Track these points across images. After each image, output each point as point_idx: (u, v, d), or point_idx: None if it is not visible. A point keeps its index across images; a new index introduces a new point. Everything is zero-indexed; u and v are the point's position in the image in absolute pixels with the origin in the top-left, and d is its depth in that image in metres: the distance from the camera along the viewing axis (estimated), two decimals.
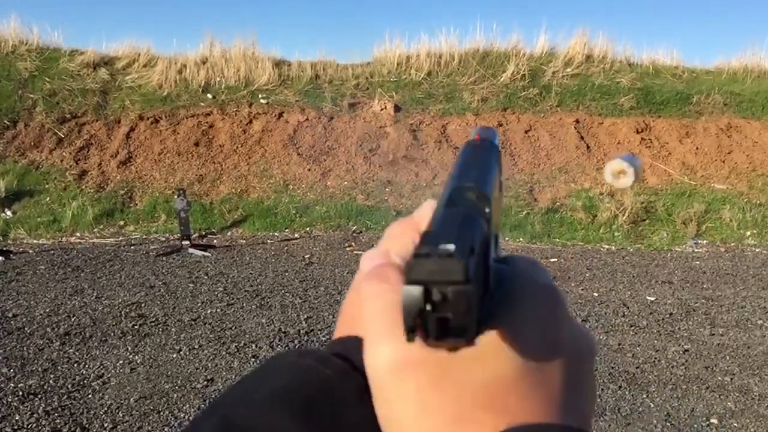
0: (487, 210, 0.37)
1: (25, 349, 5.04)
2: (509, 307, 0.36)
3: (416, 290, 0.31)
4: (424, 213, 0.44)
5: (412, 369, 0.34)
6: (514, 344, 0.35)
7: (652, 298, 7.01)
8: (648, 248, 9.96)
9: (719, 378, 4.86)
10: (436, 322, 0.32)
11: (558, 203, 11.19)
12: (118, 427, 3.79)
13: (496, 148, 0.47)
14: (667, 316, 6.39)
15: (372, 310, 0.37)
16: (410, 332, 0.32)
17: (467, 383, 0.34)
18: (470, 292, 0.31)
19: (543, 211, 10.90)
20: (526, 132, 12.99)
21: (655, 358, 5.25)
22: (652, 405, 4.36)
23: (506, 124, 13.16)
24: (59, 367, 4.69)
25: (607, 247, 9.96)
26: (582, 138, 12.93)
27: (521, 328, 0.36)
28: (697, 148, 12.77)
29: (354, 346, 0.41)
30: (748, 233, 10.55)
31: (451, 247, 0.32)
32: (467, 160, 0.45)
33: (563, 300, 0.39)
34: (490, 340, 0.35)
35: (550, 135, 12.95)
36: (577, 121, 13.29)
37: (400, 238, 0.43)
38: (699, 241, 10.25)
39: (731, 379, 4.85)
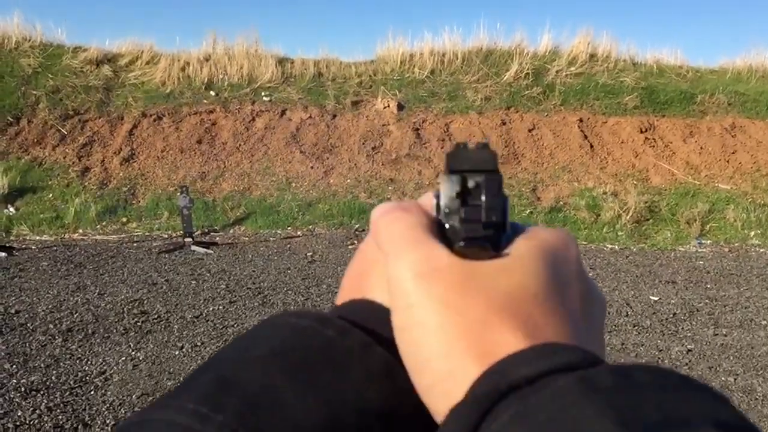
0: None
1: (27, 345, 5.04)
2: (529, 236, 0.39)
3: (454, 177, 0.38)
4: (425, 198, 0.45)
5: (439, 274, 0.35)
6: (537, 262, 0.37)
7: (656, 298, 6.99)
8: (651, 248, 9.94)
9: (723, 378, 4.85)
10: (465, 232, 0.37)
11: (561, 202, 11.17)
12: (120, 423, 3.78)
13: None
14: (671, 316, 6.37)
15: (392, 231, 0.39)
16: (450, 214, 0.38)
17: (493, 290, 0.35)
18: (500, 179, 0.37)
19: (546, 210, 10.89)
20: (529, 131, 12.97)
21: (659, 358, 5.23)
22: None
23: (510, 122, 13.15)
24: (62, 364, 4.68)
25: (610, 246, 9.94)
26: (586, 137, 12.91)
27: (542, 249, 0.38)
28: (701, 148, 12.74)
29: (356, 307, 0.42)
30: (752, 233, 10.52)
31: (484, 141, 0.39)
32: None
33: (577, 244, 0.41)
34: (514, 255, 0.37)
35: (554, 134, 12.93)
36: (581, 120, 13.27)
37: (408, 202, 0.44)
38: (703, 241, 10.23)
39: (735, 379, 4.83)
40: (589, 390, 0.28)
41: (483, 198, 0.37)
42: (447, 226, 0.38)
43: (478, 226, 0.37)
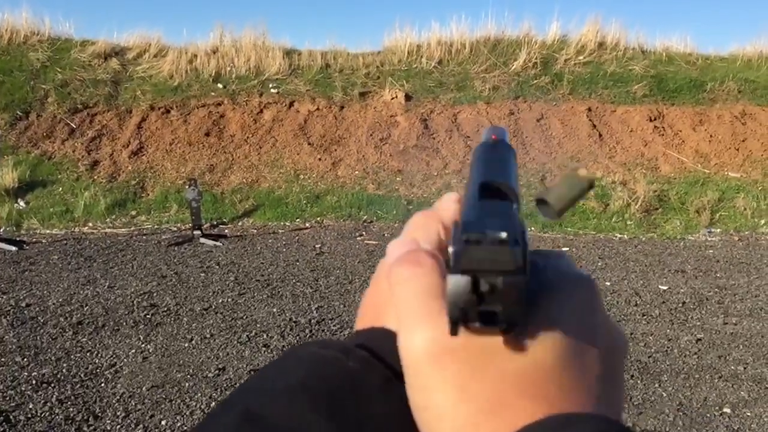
0: (519, 206, 0.37)
1: (38, 338, 5.08)
2: (546, 297, 0.36)
3: (463, 280, 0.31)
4: (446, 204, 0.45)
5: (451, 355, 0.34)
6: (553, 334, 0.35)
7: (665, 287, 6.97)
8: (661, 237, 9.90)
9: (732, 367, 4.83)
10: (480, 314, 0.31)
11: None
12: (131, 415, 3.81)
13: (513, 150, 0.47)
14: (680, 305, 6.35)
15: (406, 294, 0.37)
16: (455, 324, 0.32)
17: (507, 370, 0.34)
18: (522, 283, 0.31)
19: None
20: (537, 120, 12.91)
21: (668, 347, 5.22)
22: (665, 394, 4.34)
23: (518, 112, 13.10)
24: (72, 356, 4.72)
25: (619, 236, 9.90)
26: (594, 126, 12.84)
27: (559, 317, 0.36)
28: (711, 136, 12.65)
29: (377, 336, 0.41)
30: (762, 222, 10.46)
31: (503, 234, 0.31)
32: (490, 158, 0.45)
33: (598, 291, 0.39)
34: (529, 330, 0.35)
35: (562, 123, 12.87)
36: (590, 109, 13.20)
37: (425, 228, 0.43)
38: (712, 230, 10.18)
39: (744, 368, 4.82)
40: None
41: (498, 308, 0.31)
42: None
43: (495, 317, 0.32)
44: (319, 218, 10.31)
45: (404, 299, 0.37)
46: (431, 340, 0.35)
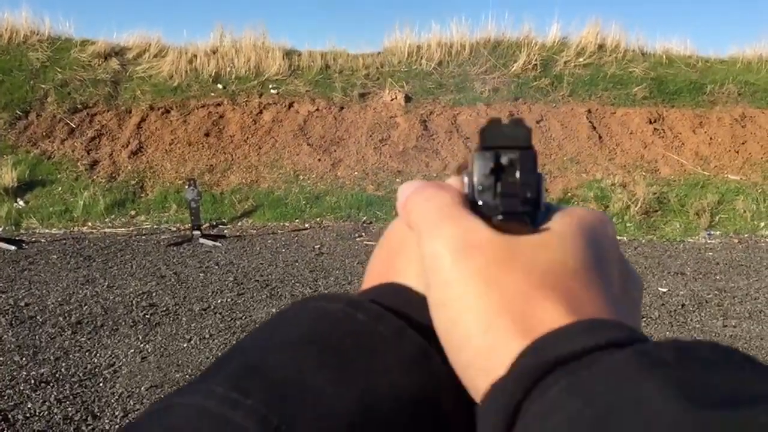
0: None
1: (37, 337, 5.07)
2: (566, 212, 0.39)
3: (488, 154, 0.37)
4: (452, 183, 0.44)
5: (477, 249, 0.34)
6: (575, 238, 0.36)
7: (665, 290, 6.97)
8: (660, 239, 9.89)
9: None
10: (503, 212, 0.36)
11: (569, 194, 11.13)
12: (129, 415, 3.80)
13: None
14: (680, 307, 6.35)
15: (427, 208, 0.38)
16: (484, 191, 0.37)
17: (533, 265, 0.34)
18: (534, 156, 0.37)
19: (554, 201, 10.80)
20: (537, 122, 12.90)
21: None
22: None
23: (517, 114, 13.08)
24: (71, 356, 4.71)
25: (618, 238, 9.87)
26: (594, 128, 12.84)
27: (580, 227, 0.37)
28: (710, 139, 12.65)
29: (385, 292, 0.40)
30: (762, 224, 10.46)
31: (519, 117, 0.38)
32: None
33: (614, 226, 0.40)
34: (553, 230, 0.36)
35: (562, 125, 12.87)
36: (589, 111, 13.19)
37: (438, 182, 0.43)
38: (712, 232, 10.17)
39: None
40: (651, 365, 0.27)
41: (518, 175, 0.37)
42: (480, 203, 0.37)
43: (516, 201, 0.36)
44: (318, 219, 10.30)
45: (426, 212, 0.37)
46: (456, 237, 0.35)
